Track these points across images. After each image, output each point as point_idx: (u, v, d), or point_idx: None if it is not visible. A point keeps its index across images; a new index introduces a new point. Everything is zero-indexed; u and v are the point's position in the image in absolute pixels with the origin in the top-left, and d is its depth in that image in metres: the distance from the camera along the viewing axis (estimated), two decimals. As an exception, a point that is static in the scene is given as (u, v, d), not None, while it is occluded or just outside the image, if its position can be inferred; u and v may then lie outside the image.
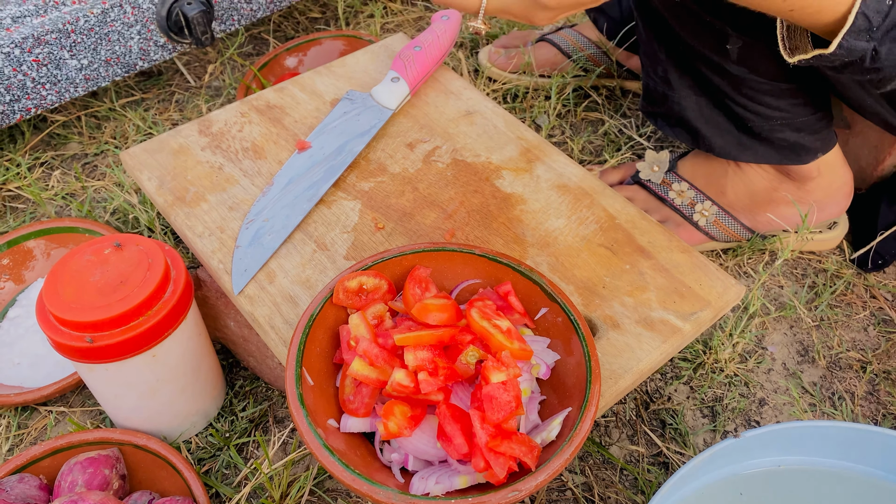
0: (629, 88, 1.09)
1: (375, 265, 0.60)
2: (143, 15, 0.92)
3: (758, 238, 0.87)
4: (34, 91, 0.89)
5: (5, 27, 0.84)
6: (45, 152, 1.00)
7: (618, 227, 0.71)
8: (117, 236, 0.65)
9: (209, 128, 0.80)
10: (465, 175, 0.76)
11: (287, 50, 1.07)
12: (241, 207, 0.72)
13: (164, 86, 1.10)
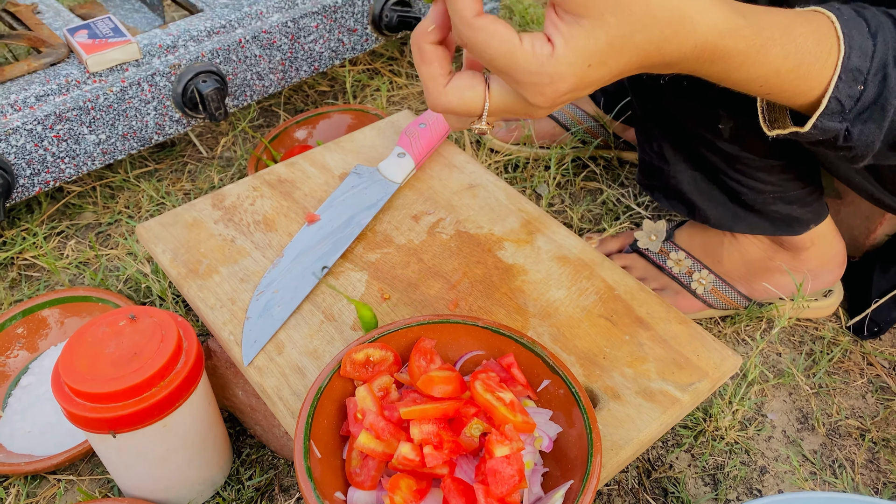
0: (626, 159, 1.12)
1: (382, 337, 0.62)
2: (159, 92, 0.96)
3: (755, 306, 0.89)
4: (53, 165, 0.92)
5: (29, 105, 0.88)
6: (60, 222, 1.03)
7: (617, 297, 0.73)
8: (132, 308, 0.67)
9: (222, 201, 0.83)
10: (468, 246, 0.79)
11: (297, 123, 1.11)
12: (251, 279, 0.75)
13: (177, 156, 1.14)
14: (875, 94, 0.50)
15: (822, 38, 0.48)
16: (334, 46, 1.12)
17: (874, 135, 0.52)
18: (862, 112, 0.51)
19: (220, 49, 0.99)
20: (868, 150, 0.53)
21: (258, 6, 1.02)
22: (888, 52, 0.49)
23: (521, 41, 0.44)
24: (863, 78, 0.49)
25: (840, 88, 0.50)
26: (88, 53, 0.90)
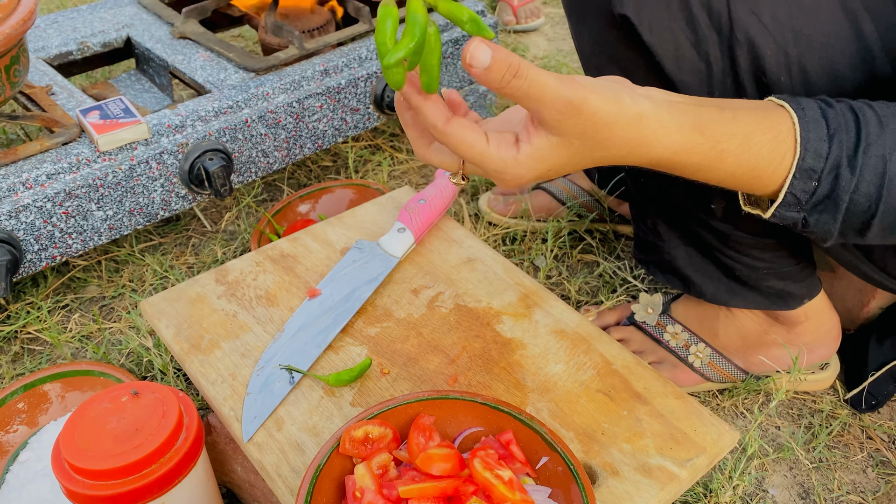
0: (622, 232, 1.15)
1: (381, 413, 0.63)
2: (166, 169, 0.99)
3: (752, 379, 0.89)
4: (61, 240, 0.94)
5: (40, 183, 0.91)
6: (65, 295, 1.04)
7: (614, 372, 0.74)
8: (134, 384, 0.68)
9: (225, 277, 0.84)
10: (467, 320, 0.80)
11: (300, 197, 1.14)
12: (252, 354, 0.76)
13: (182, 230, 1.16)
14: (828, 190, 0.54)
15: (778, 145, 0.53)
16: (337, 125, 1.15)
17: (829, 224, 0.56)
18: (817, 204, 0.55)
19: (227, 128, 1.03)
20: (827, 235, 0.57)
21: (265, 87, 1.06)
22: (842, 154, 0.53)
23: (489, 143, 0.51)
24: (817, 176, 0.53)
25: (795, 185, 0.54)
26: (99, 133, 0.93)
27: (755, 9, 0.60)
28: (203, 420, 0.78)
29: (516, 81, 0.48)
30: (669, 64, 0.64)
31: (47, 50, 1.15)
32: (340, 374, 0.72)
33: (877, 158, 0.53)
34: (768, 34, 0.60)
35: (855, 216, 0.55)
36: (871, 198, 0.54)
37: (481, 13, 1.26)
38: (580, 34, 0.74)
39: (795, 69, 0.61)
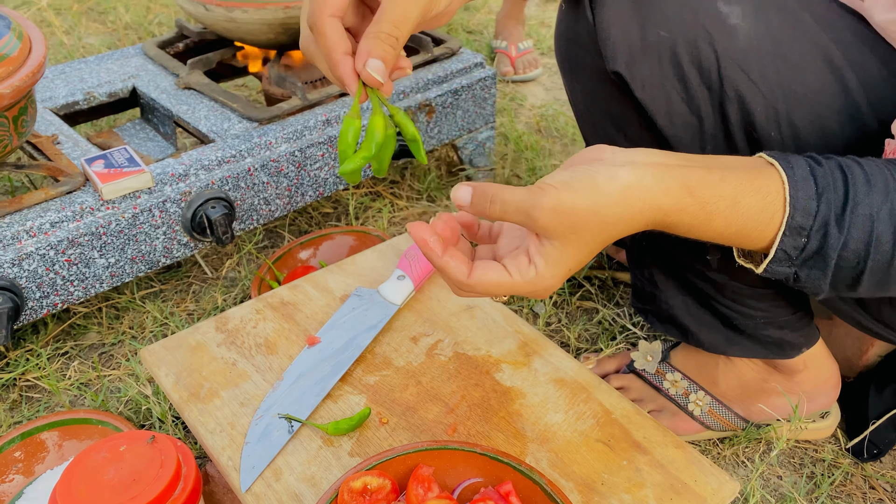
0: (620, 279, 1.15)
1: (380, 464, 0.63)
2: (169, 217, 1.00)
3: (752, 427, 0.89)
4: (63, 288, 0.95)
5: (44, 231, 0.92)
6: (65, 342, 1.04)
7: (614, 422, 0.74)
8: (131, 433, 0.68)
9: (226, 324, 0.85)
10: (466, 368, 0.80)
11: (301, 244, 1.15)
12: (251, 403, 0.75)
13: (182, 277, 1.17)
14: (817, 247, 0.55)
15: (767, 206, 0.54)
16: (338, 173, 1.17)
17: (820, 279, 0.57)
18: (807, 260, 0.56)
19: (230, 177, 1.04)
20: (818, 290, 0.58)
21: (267, 137, 1.08)
22: (830, 213, 0.54)
23: (511, 275, 0.54)
24: (805, 233, 0.54)
25: (785, 242, 0.55)
26: (103, 182, 0.95)
27: (744, 66, 0.62)
28: (201, 470, 0.78)
29: (493, 206, 0.53)
30: (662, 119, 0.66)
31: (54, 100, 1.17)
32: (339, 424, 0.72)
33: (864, 217, 0.54)
34: (757, 90, 0.62)
35: (845, 271, 0.56)
36: (860, 255, 0.54)
37: (479, 64, 1.29)
38: (574, 90, 0.75)
39: (785, 124, 0.62)
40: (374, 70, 0.54)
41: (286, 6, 1.09)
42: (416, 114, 1.21)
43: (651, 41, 0.63)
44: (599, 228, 0.52)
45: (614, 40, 0.64)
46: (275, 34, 1.14)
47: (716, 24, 0.62)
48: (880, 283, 0.56)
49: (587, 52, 0.68)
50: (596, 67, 0.68)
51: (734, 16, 0.62)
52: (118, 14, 2.03)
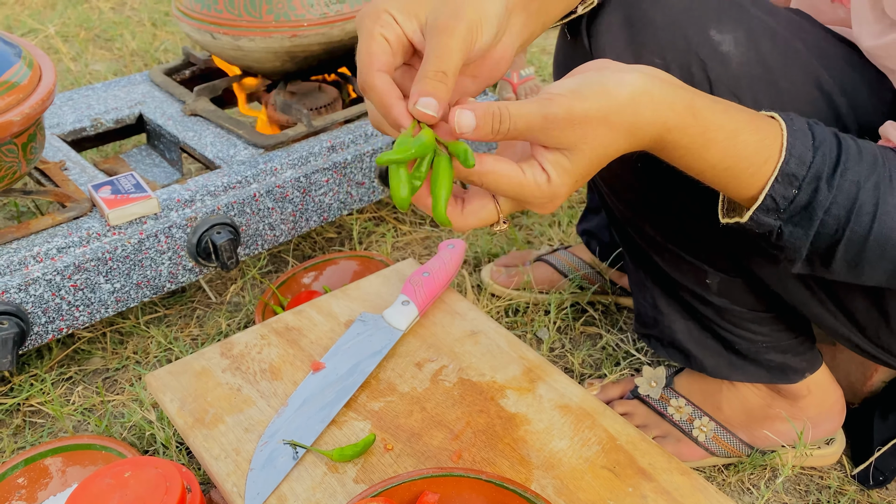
0: (624, 304, 1.16)
1: (385, 491, 0.63)
2: (175, 243, 1.01)
3: (757, 454, 0.89)
4: (68, 313, 0.95)
5: (51, 257, 0.92)
6: (69, 367, 1.04)
7: (619, 448, 0.73)
8: (136, 459, 0.68)
9: (230, 350, 0.85)
10: (470, 394, 0.80)
11: (305, 269, 1.15)
12: (256, 429, 0.75)
13: (187, 302, 1.17)
14: (806, 200, 0.55)
15: (764, 148, 0.55)
16: (343, 198, 1.18)
17: (801, 240, 0.57)
18: (793, 215, 0.56)
19: (236, 202, 1.05)
20: (796, 254, 0.58)
21: (273, 163, 1.09)
22: (824, 167, 0.55)
23: (524, 173, 0.52)
24: (798, 183, 0.55)
25: (776, 188, 0.55)
26: (110, 208, 0.95)
27: (737, 91, 0.63)
28: (205, 496, 0.77)
29: (504, 125, 0.50)
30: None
31: (62, 126, 1.19)
32: (344, 450, 0.72)
33: (851, 183, 0.54)
34: None
35: (823, 237, 0.56)
36: (840, 221, 0.55)
37: (482, 92, 1.31)
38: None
39: None
40: (424, 107, 0.51)
41: (292, 35, 1.11)
42: (419, 140, 1.23)
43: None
44: (609, 139, 0.52)
45: None
46: (281, 62, 1.16)
47: (708, 51, 0.63)
48: (854, 260, 0.57)
49: None
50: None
51: (726, 43, 0.63)
52: (124, 41, 2.06)
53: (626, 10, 0.65)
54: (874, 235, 0.55)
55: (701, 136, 0.54)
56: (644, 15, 0.65)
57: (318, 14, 1.12)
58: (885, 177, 0.55)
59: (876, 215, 0.55)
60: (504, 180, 0.52)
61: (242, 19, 1.11)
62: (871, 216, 0.55)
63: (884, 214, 0.55)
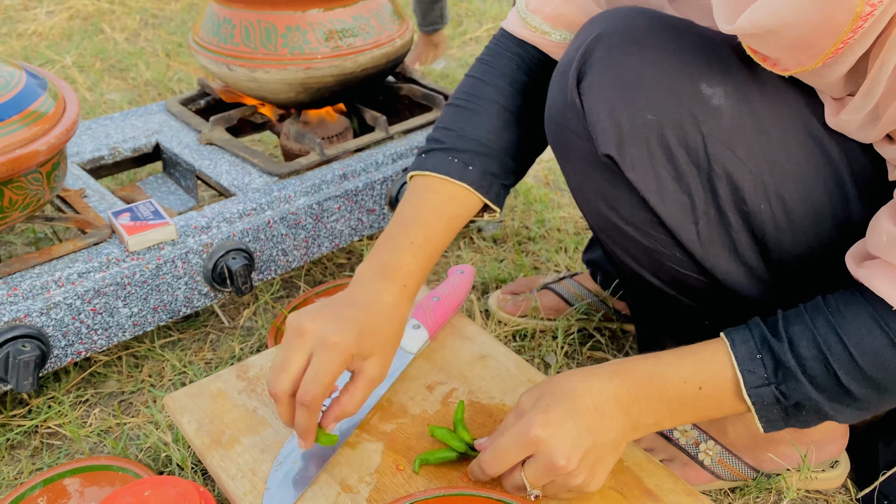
0: (629, 330, 1.17)
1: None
2: (191, 268, 1.04)
3: (763, 477, 0.90)
4: (87, 336, 0.98)
5: (72, 281, 0.95)
6: (86, 390, 1.07)
7: (626, 469, 0.75)
8: (155, 479, 0.69)
9: (246, 372, 0.87)
10: (480, 417, 0.82)
11: (316, 294, 1.18)
12: (272, 450, 0.77)
13: (200, 326, 1.19)
14: (772, 360, 0.64)
15: (711, 355, 0.67)
16: (354, 225, 1.21)
17: (806, 390, 0.63)
18: (776, 374, 0.64)
19: (250, 229, 1.08)
20: (815, 404, 0.64)
21: (287, 191, 1.12)
22: (764, 331, 0.65)
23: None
24: (757, 355, 0.64)
25: (741, 361, 0.65)
26: (130, 234, 0.98)
27: (729, 144, 0.65)
28: (220, 516, 0.79)
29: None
30: (653, 198, 0.68)
31: (81, 155, 1.22)
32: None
33: (800, 328, 0.63)
34: (744, 166, 0.65)
35: (820, 377, 0.62)
36: (819, 360, 0.62)
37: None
38: (566, 170, 0.78)
39: (773, 198, 0.65)
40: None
41: (306, 67, 1.15)
42: (429, 168, 1.26)
43: (639, 124, 0.66)
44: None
45: (603, 125, 0.67)
46: (294, 93, 1.19)
47: (699, 105, 0.64)
48: (868, 383, 0.62)
49: (577, 136, 0.71)
50: (586, 150, 0.70)
51: (716, 97, 0.64)
52: (139, 71, 2.11)
53: (616, 70, 0.67)
54: (859, 360, 0.61)
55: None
56: (633, 72, 0.66)
57: (331, 47, 1.15)
58: (835, 310, 0.62)
59: (846, 343, 0.61)
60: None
61: (258, 52, 1.15)
62: (842, 344, 0.61)
63: (852, 341, 0.61)
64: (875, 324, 0.60)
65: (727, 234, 0.68)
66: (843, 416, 0.65)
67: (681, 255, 0.71)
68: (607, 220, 0.73)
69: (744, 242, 0.68)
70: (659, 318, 0.85)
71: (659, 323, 0.86)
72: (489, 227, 1.42)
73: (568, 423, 0.66)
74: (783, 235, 0.66)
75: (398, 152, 1.23)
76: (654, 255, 0.73)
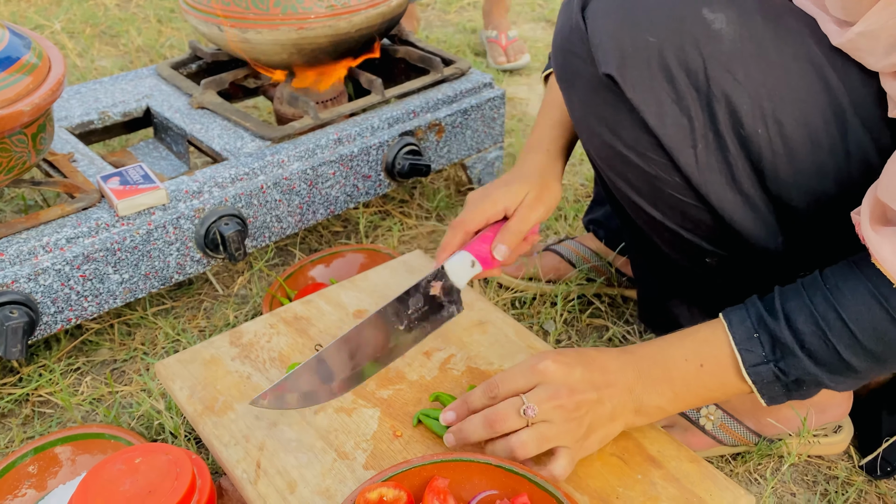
0: (630, 296, 1.16)
1: (395, 476, 0.63)
2: (183, 234, 1.01)
3: (765, 442, 0.89)
4: (77, 303, 0.96)
5: (60, 247, 0.93)
6: (77, 358, 1.05)
7: (627, 435, 0.74)
8: (146, 446, 0.68)
9: (240, 339, 0.85)
10: (478, 382, 0.80)
11: (311, 262, 1.16)
12: (265, 416, 0.76)
13: (194, 294, 1.17)
14: (769, 339, 0.64)
15: (711, 334, 0.68)
16: (350, 191, 1.18)
17: (806, 365, 0.63)
18: (774, 351, 0.64)
19: (243, 194, 1.05)
20: (815, 379, 0.64)
21: (280, 155, 1.09)
22: (760, 310, 0.66)
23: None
24: (755, 335, 0.65)
25: (741, 343, 0.65)
26: (119, 199, 0.96)
27: (729, 67, 0.64)
28: (215, 483, 0.78)
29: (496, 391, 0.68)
30: (653, 120, 0.68)
31: (70, 119, 1.19)
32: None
33: (797, 304, 0.64)
34: (743, 90, 0.64)
35: (820, 352, 0.63)
36: (818, 335, 0.62)
37: (488, 85, 1.31)
38: (571, 100, 0.78)
39: (771, 122, 0.65)
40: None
41: (299, 27, 1.11)
42: (426, 133, 1.23)
43: (640, 46, 0.66)
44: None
45: (606, 46, 0.67)
46: (287, 54, 1.16)
47: (701, 29, 0.65)
48: (869, 356, 0.62)
49: (581, 61, 0.71)
50: (590, 75, 0.70)
51: (718, 21, 0.64)
52: (130, 37, 2.06)
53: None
54: (859, 336, 0.61)
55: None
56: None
57: (325, 6, 1.12)
58: (833, 286, 0.63)
59: (844, 320, 0.61)
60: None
61: (250, 12, 1.12)
62: (841, 321, 0.61)
63: (851, 317, 0.61)
64: (874, 300, 0.61)
65: (724, 160, 0.68)
66: (844, 385, 0.66)
67: (679, 181, 0.71)
68: (610, 148, 0.73)
69: (741, 169, 0.68)
70: (660, 272, 0.84)
71: (660, 278, 0.84)
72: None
73: (578, 369, 0.67)
74: (780, 161, 0.66)
75: (394, 116, 1.20)
76: (655, 181, 0.72)
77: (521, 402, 0.65)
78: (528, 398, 0.65)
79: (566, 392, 0.65)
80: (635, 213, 0.80)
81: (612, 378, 0.68)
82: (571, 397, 0.65)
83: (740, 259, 0.76)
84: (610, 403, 0.67)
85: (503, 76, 1.94)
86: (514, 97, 1.84)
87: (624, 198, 0.79)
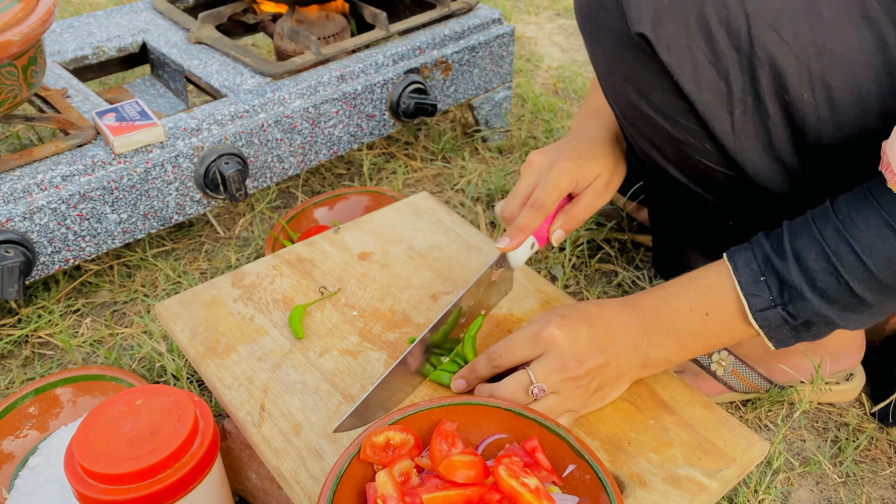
0: (640, 241, 1.13)
1: (402, 419, 0.61)
2: (182, 173, 0.98)
3: (776, 389, 0.88)
4: (74, 243, 0.93)
5: (55, 185, 0.90)
6: (77, 300, 1.03)
7: (640, 381, 0.72)
8: (147, 387, 0.66)
9: (242, 280, 0.83)
10: (487, 326, 0.79)
11: (314, 204, 1.13)
12: (269, 358, 0.74)
13: (195, 236, 1.15)
14: (777, 281, 0.61)
15: (716, 277, 0.65)
16: (353, 131, 1.15)
17: (815, 305, 0.60)
18: (781, 294, 0.61)
19: (243, 132, 1.02)
20: (826, 318, 0.61)
21: (281, 92, 1.05)
22: (767, 251, 0.62)
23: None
24: (761, 277, 0.62)
25: (747, 288, 0.62)
26: (115, 135, 0.92)
27: (775, 25, 0.59)
28: (218, 425, 0.76)
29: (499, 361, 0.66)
30: (688, 84, 0.63)
31: (63, 54, 1.15)
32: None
33: (807, 240, 0.60)
34: (790, 51, 0.59)
35: (833, 292, 0.60)
36: (829, 273, 0.59)
37: (497, 21, 1.26)
38: (595, 53, 0.72)
39: (819, 86, 0.60)
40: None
41: (300, -43, 1.06)
42: (432, 70, 1.19)
43: (677, 1, 0.60)
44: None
45: (639, 0, 0.61)
46: (288, -14, 1.11)
47: None
48: (886, 292, 0.59)
49: (609, 14, 0.65)
50: (618, 29, 0.65)
51: None
52: (125, -28, 1.99)
53: None
54: (873, 268, 0.58)
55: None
56: None
57: (328, -65, 1.07)
58: (846, 217, 0.59)
59: (857, 253, 0.58)
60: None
61: (248, -60, 1.06)
62: (854, 254, 0.58)
63: (864, 249, 0.58)
64: (889, 229, 0.57)
65: (763, 126, 0.62)
66: (856, 323, 0.63)
67: (711, 148, 0.66)
68: (636, 108, 0.67)
69: (780, 136, 0.63)
70: (679, 224, 0.81)
71: (678, 230, 0.81)
72: (494, 137, 1.36)
73: (583, 331, 0.65)
74: (824, 128, 0.61)
75: (399, 53, 1.16)
76: (683, 147, 0.67)
77: (529, 379, 0.64)
78: (535, 374, 0.64)
79: (574, 363, 0.64)
80: (658, 174, 0.76)
81: (616, 335, 0.66)
82: (580, 367, 0.64)
83: (757, 225, 0.73)
84: (616, 363, 0.66)
85: (511, 13, 1.87)
86: (522, 36, 1.78)
87: (647, 158, 0.75)
